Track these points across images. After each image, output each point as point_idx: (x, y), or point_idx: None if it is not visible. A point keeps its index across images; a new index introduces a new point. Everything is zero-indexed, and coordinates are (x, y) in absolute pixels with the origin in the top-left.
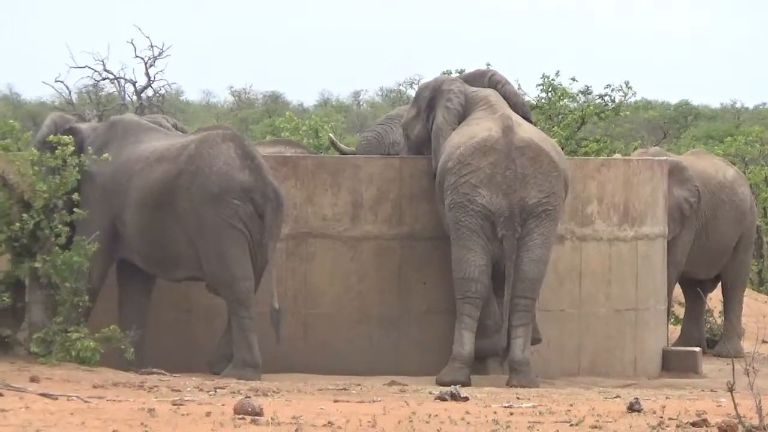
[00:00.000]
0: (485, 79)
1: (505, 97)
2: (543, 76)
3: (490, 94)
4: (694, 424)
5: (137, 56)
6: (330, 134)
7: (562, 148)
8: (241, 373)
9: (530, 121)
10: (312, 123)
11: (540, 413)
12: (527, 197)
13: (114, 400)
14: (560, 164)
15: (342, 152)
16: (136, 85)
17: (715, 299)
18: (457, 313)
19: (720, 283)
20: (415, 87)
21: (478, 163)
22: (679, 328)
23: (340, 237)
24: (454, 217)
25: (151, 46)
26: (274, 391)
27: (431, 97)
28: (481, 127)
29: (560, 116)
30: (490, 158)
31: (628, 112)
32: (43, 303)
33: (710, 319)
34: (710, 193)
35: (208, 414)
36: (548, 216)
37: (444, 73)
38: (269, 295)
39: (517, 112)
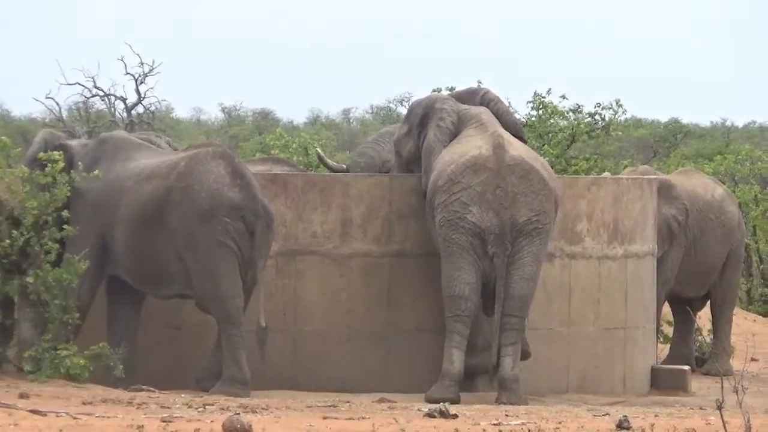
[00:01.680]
0: (477, 97)
1: (497, 116)
2: (534, 93)
3: (482, 111)
4: None
5: (127, 73)
6: (317, 149)
7: (552, 167)
8: (230, 389)
9: (523, 140)
10: (302, 141)
11: (529, 430)
12: (517, 215)
13: (103, 417)
14: (550, 183)
15: (330, 168)
16: (127, 102)
17: (704, 318)
18: (446, 331)
19: (709, 302)
20: (406, 104)
21: (469, 181)
22: (668, 346)
23: (329, 254)
24: (445, 235)
25: (141, 63)
26: (263, 408)
27: (423, 114)
28: (471, 145)
29: (550, 134)
30: (481, 176)
31: (620, 132)
32: (32, 320)
33: (699, 337)
34: (698, 211)
35: (196, 431)
36: (538, 234)
37: (434, 91)
38: (256, 313)
39: (510, 131)
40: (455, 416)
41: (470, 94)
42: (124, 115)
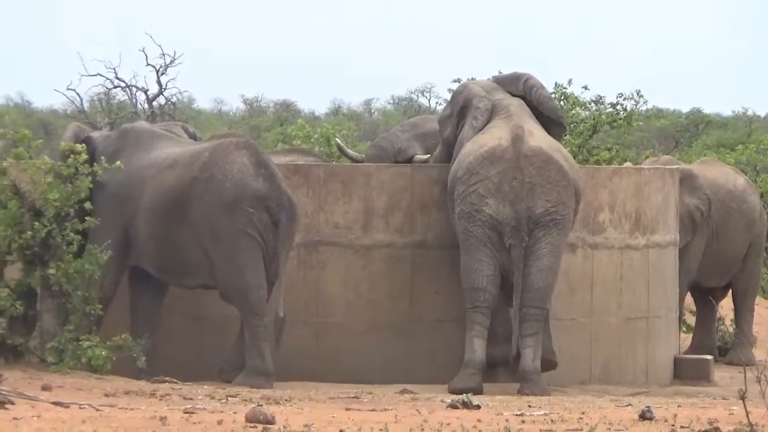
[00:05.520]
0: (520, 83)
1: (539, 102)
2: (555, 84)
3: (512, 104)
4: None
5: (149, 64)
6: (337, 139)
7: (574, 157)
8: (252, 381)
9: (562, 126)
10: (324, 131)
11: (552, 421)
12: (534, 207)
13: (126, 409)
14: (570, 173)
15: (350, 157)
16: (148, 93)
17: (726, 307)
18: (467, 322)
19: (730, 291)
20: (427, 95)
21: (486, 172)
22: (690, 336)
23: (351, 245)
24: (463, 227)
25: (163, 54)
26: (285, 400)
27: (463, 105)
28: (491, 136)
29: (572, 125)
30: (498, 167)
31: (641, 123)
32: (54, 311)
33: (722, 327)
34: (720, 201)
35: (219, 422)
36: (556, 225)
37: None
38: (275, 304)
39: (550, 117)
40: (478, 407)
41: (513, 79)
42: (146, 106)
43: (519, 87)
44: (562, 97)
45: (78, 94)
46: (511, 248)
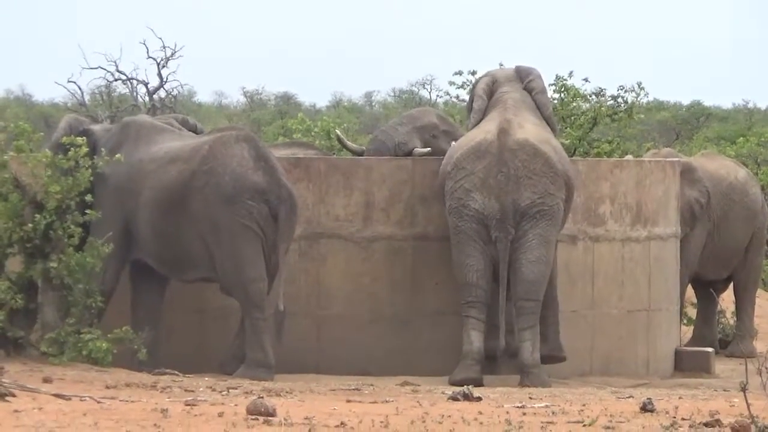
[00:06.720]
0: (526, 80)
1: (536, 106)
2: (556, 77)
3: (512, 96)
4: (707, 425)
5: (150, 57)
6: (337, 132)
7: (574, 149)
8: (253, 373)
9: (554, 134)
10: (324, 124)
11: (553, 413)
12: (520, 199)
13: (127, 401)
14: (558, 165)
15: (350, 150)
16: (149, 86)
17: (727, 300)
18: (462, 316)
19: (732, 284)
20: (428, 87)
21: (472, 167)
22: (691, 328)
23: (352, 238)
24: (452, 222)
25: (164, 47)
26: (286, 392)
27: (472, 101)
28: (480, 130)
29: (573, 117)
30: (484, 162)
31: (642, 115)
32: (55, 304)
33: (723, 319)
34: (721, 194)
35: (220, 414)
36: (543, 217)
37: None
38: (275, 297)
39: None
40: (479, 399)
41: (524, 74)
42: (146, 99)
43: (523, 84)
44: (563, 89)
45: (79, 87)
46: (497, 241)
